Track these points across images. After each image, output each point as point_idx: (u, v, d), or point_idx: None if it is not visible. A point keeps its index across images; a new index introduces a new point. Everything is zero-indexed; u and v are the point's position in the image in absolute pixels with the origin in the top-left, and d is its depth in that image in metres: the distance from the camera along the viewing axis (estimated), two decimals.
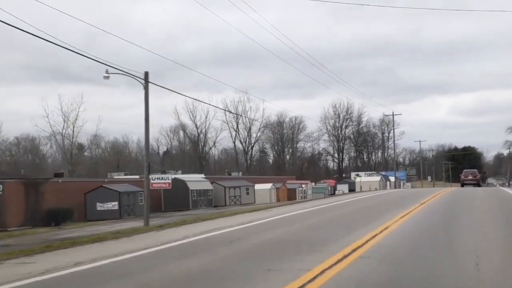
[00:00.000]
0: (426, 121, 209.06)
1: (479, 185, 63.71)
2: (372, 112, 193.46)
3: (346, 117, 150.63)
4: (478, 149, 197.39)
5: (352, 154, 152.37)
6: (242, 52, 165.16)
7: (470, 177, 65.98)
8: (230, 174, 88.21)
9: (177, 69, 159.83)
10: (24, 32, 18.41)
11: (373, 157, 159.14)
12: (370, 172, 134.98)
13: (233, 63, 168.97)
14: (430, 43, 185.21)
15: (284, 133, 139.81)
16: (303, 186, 78.67)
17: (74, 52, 21.14)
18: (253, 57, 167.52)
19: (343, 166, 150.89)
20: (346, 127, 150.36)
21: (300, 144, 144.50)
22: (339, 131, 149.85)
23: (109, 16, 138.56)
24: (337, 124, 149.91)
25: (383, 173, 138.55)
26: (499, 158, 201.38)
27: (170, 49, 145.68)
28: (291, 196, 74.33)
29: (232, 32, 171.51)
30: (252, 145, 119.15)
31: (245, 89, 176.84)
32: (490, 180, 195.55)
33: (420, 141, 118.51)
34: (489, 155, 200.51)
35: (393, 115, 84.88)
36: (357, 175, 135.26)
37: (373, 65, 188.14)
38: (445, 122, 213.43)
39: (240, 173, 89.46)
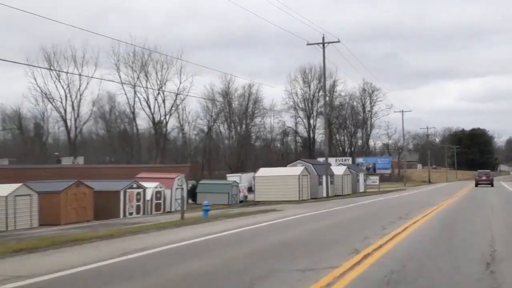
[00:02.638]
0: (433, 107, 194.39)
1: (492, 185, 58.53)
2: (350, 80, 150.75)
3: (319, 86, 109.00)
4: (488, 132, 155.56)
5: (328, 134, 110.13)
6: (246, 36, 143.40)
7: (484, 178, 61.09)
8: (59, 161, 47.90)
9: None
10: None
11: (358, 139, 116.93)
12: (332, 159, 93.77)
13: (237, 48, 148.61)
14: (436, 28, 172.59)
15: (234, 105, 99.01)
16: (148, 186, 38.38)
17: None
18: (256, 41, 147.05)
19: (315, 149, 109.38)
20: (318, 100, 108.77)
21: (258, 121, 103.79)
22: (309, 105, 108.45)
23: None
24: (306, 96, 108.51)
25: (362, 159, 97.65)
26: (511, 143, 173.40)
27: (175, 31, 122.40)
28: (108, 208, 33.89)
29: (236, 16, 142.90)
30: (164, 117, 78.12)
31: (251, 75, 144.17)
32: (502, 167, 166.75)
33: (402, 111, 76.88)
34: (500, 140, 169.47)
35: (323, 44, 41.31)
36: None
37: (378, 50, 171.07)
38: (453, 108, 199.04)
39: (81, 158, 48.88)
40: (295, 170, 40.61)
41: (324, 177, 42.05)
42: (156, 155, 76.92)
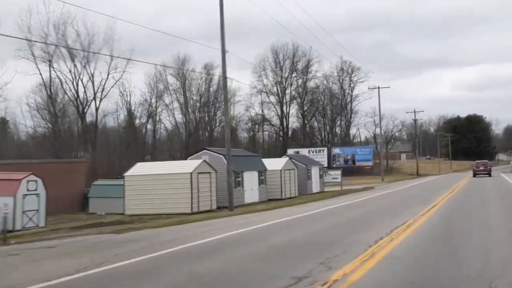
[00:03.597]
0: (427, 97, 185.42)
1: (489, 175, 58.12)
2: (325, 59, 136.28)
3: (292, 67, 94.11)
4: (486, 118, 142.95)
5: (301, 121, 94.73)
6: (234, 27, 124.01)
7: (481, 168, 60.31)
8: None
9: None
10: None
11: (338, 127, 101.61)
12: (313, 149, 78.94)
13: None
14: (428, 16, 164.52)
15: (190, 89, 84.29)
16: None
17: None
18: (246, 32, 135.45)
19: (288, 139, 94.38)
20: (291, 83, 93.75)
21: (221, 107, 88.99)
22: (282, 89, 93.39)
23: None
24: (278, 78, 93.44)
25: (339, 150, 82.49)
26: (510, 131, 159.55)
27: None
28: None
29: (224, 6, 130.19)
30: (94, 100, 63.08)
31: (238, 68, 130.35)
32: (501, 156, 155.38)
33: (378, 87, 61.84)
34: (498, 128, 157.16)
35: None
36: (296, 152, 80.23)
37: (370, 39, 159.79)
38: (448, 97, 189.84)
39: None
40: (188, 165, 25.91)
41: (247, 174, 27.26)
42: (85, 150, 62.30)
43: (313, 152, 79.92)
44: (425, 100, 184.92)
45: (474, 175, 58.30)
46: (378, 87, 62.48)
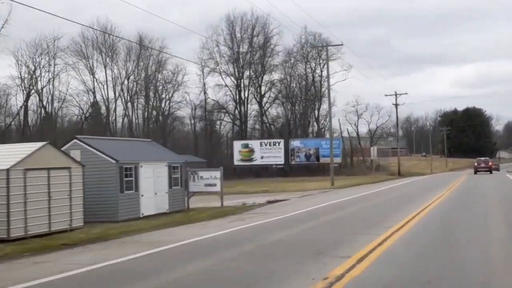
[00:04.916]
0: (426, 94, 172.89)
1: (491, 172, 59.34)
2: (288, 30, 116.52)
3: (253, 43, 74.78)
4: (485, 112, 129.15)
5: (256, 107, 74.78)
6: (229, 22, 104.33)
7: (483, 165, 61.33)
8: None
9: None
10: None
11: (304, 115, 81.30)
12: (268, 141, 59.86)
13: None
14: (427, 12, 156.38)
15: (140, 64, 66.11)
16: None
17: None
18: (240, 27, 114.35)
19: (247, 129, 75.01)
20: (250, 63, 74.12)
21: (179, 93, 70.54)
22: (239, 70, 74.01)
23: None
24: (234, 56, 74.06)
25: (299, 142, 61.66)
26: (511, 127, 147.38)
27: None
28: None
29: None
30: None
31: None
32: (502, 153, 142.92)
33: (327, 45, 42.19)
34: (498, 123, 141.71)
35: None
36: (245, 145, 62.15)
37: (367, 36, 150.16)
38: (446, 95, 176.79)
39: None
40: None
41: None
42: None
43: (266, 145, 61.22)
44: (425, 96, 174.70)
45: (475, 172, 59.10)
46: (327, 44, 42.85)
